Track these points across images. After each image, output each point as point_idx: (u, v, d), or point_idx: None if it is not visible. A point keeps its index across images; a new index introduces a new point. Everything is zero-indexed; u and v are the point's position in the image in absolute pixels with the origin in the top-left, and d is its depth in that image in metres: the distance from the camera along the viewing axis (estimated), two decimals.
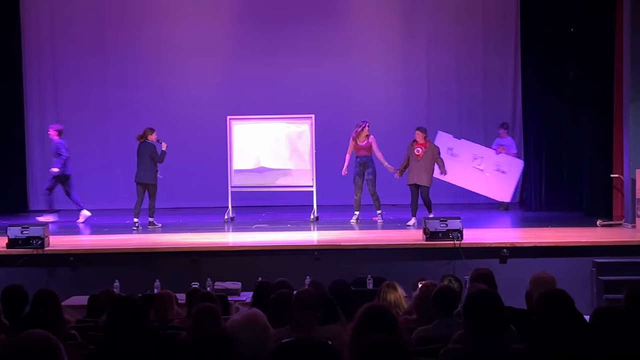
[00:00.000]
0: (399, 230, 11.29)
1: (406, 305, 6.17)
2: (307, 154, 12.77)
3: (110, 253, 9.81)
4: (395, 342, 3.03)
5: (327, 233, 11.49)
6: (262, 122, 13.03)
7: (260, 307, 5.59)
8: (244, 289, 8.68)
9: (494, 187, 13.20)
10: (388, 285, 6.13)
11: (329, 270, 9.11)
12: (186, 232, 11.51)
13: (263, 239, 10.64)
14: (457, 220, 9.75)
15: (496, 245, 9.68)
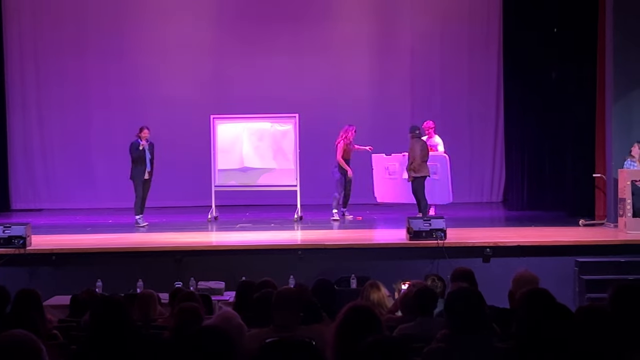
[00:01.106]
0: (383, 230, 11.32)
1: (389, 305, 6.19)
2: (291, 153, 12.76)
3: (92, 252, 9.78)
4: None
5: (311, 232, 11.49)
6: (246, 122, 13.01)
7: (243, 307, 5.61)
8: (227, 289, 8.68)
9: (430, 192, 12.25)
10: (371, 285, 6.15)
11: (312, 270, 9.13)
12: (169, 231, 11.48)
13: (247, 239, 10.63)
14: (440, 219, 9.78)
15: (479, 244, 9.72)
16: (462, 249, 9.64)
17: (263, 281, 6.16)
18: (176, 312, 4.76)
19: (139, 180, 11.90)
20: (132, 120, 13.36)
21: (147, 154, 11.84)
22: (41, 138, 15.15)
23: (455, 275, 5.99)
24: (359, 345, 3.18)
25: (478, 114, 15.15)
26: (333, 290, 6.16)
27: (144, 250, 9.93)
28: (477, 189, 15.32)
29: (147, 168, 11.86)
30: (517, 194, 14.02)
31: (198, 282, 8.84)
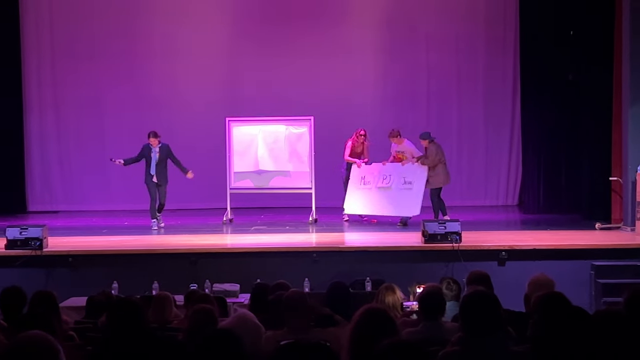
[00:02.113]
0: (398, 233, 11.30)
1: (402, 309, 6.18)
2: (306, 155, 12.77)
3: (108, 254, 9.82)
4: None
5: (326, 235, 11.49)
6: (261, 124, 13.02)
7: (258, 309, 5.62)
8: (242, 291, 8.69)
9: (400, 203, 12.04)
10: (386, 288, 6.14)
11: (327, 272, 9.13)
12: (184, 233, 11.52)
13: (261, 241, 10.64)
14: (455, 222, 9.76)
15: (495, 247, 9.69)
16: (478, 252, 9.62)
17: (278, 283, 6.17)
18: (191, 314, 4.77)
19: (148, 183, 12.05)
20: (147, 123, 13.40)
21: (154, 157, 11.93)
22: (57, 140, 15.23)
23: (471, 278, 5.97)
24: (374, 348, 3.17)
25: (494, 117, 15.10)
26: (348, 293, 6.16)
27: (159, 252, 9.97)
28: (492, 191, 15.27)
29: (151, 171, 11.96)
30: (533, 197, 13.96)
31: (213, 284, 8.86)
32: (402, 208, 12.01)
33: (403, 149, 12.36)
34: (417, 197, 11.95)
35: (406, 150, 12.36)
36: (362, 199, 12.55)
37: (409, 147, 12.39)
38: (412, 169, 12.08)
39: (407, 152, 12.35)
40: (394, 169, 12.33)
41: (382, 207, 12.32)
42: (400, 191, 12.15)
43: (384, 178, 12.38)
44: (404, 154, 12.37)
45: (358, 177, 12.63)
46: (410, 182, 12.02)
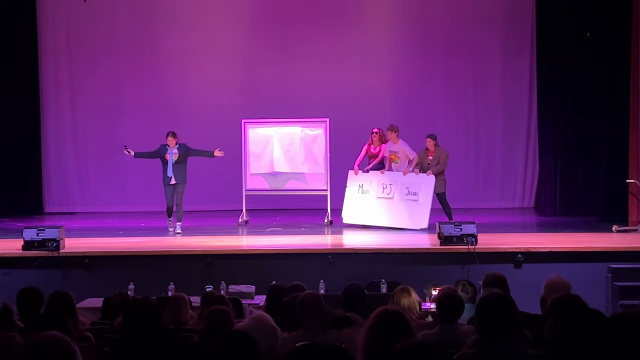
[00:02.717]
0: (414, 235, 11.28)
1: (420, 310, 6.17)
2: (321, 157, 12.78)
3: (124, 256, 9.86)
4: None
5: (341, 237, 11.51)
6: (277, 126, 13.04)
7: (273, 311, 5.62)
8: (257, 293, 8.70)
9: (405, 215, 11.71)
10: (402, 290, 6.13)
11: (342, 274, 9.12)
12: (200, 235, 11.56)
13: (277, 243, 10.68)
14: (471, 224, 9.74)
15: (511, 250, 9.66)
16: (494, 255, 9.59)
17: (293, 285, 6.17)
18: (206, 316, 4.78)
19: (165, 186, 11.89)
20: (163, 124, 13.43)
21: (171, 158, 11.77)
22: (74, 141, 15.28)
23: (488, 280, 5.95)
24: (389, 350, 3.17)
25: (510, 118, 15.03)
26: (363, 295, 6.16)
27: (175, 253, 10.01)
28: (508, 194, 15.20)
29: (168, 173, 11.78)
30: (549, 199, 13.90)
31: (229, 286, 8.88)
32: (408, 220, 11.69)
33: (397, 149, 12.09)
34: (425, 209, 11.61)
35: (400, 151, 12.09)
36: (361, 208, 12.16)
37: (404, 147, 12.13)
38: (417, 179, 11.71)
39: (401, 152, 12.08)
40: (395, 178, 11.92)
41: (385, 218, 11.92)
42: (404, 202, 11.79)
43: (383, 188, 11.97)
44: (397, 154, 12.10)
45: (355, 184, 12.27)
46: (415, 192, 11.71)
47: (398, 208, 11.88)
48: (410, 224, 11.66)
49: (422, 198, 11.70)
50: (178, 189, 11.88)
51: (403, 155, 12.10)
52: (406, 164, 12.07)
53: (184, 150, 11.88)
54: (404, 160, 12.10)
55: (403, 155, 12.10)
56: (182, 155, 11.85)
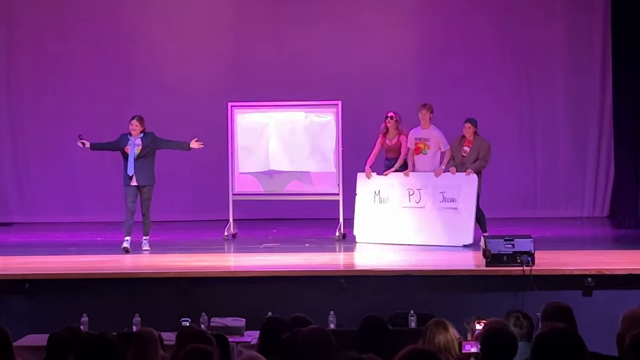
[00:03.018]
0: (451, 252, 11.27)
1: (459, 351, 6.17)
2: (331, 152, 12.77)
3: (76, 279, 9.87)
4: None
5: (357, 255, 11.52)
6: (274, 111, 13.05)
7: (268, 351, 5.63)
8: (248, 327, 8.72)
9: (443, 228, 11.65)
10: (437, 324, 6.12)
11: (359, 304, 9.15)
12: (174, 252, 11.57)
13: (274, 262, 10.67)
14: (527, 239, 9.72)
15: (578, 272, 9.65)
16: (556, 279, 9.59)
17: (295, 318, 6.18)
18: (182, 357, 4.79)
19: (126, 187, 11.67)
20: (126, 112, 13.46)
21: (132, 151, 11.58)
22: (12, 135, 15.32)
23: (548, 312, 5.95)
24: None
25: (579, 107, 15.03)
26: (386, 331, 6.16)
27: (142, 276, 10.01)
28: (576, 200, 15.21)
29: (129, 171, 11.57)
30: (628, 207, 13.88)
31: (211, 319, 8.90)
32: (446, 236, 11.65)
33: (428, 135, 12.04)
34: (468, 219, 11.59)
35: (432, 138, 12.04)
36: (380, 222, 12.09)
37: (436, 133, 12.06)
38: (454, 181, 11.68)
39: (432, 140, 12.03)
40: (424, 180, 11.89)
41: (415, 234, 11.88)
42: (439, 213, 11.75)
43: (410, 194, 11.94)
44: (427, 142, 12.06)
45: (368, 191, 12.23)
46: (453, 198, 11.68)
47: (432, 220, 11.85)
48: (450, 240, 11.62)
49: (463, 205, 11.66)
50: (143, 193, 11.70)
51: (434, 145, 12.00)
52: (437, 158, 12.01)
53: (149, 140, 11.72)
54: (435, 153, 12.02)
55: (435, 144, 12.01)
56: (147, 148, 11.67)
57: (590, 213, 15.20)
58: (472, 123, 11.88)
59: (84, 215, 14.93)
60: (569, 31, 15.03)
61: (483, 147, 11.78)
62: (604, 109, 15.00)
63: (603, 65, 14.89)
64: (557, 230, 13.40)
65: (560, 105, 15.14)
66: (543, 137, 15.14)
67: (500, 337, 5.07)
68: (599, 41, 14.93)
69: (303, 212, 14.16)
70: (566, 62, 15.08)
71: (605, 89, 14.89)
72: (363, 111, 14.04)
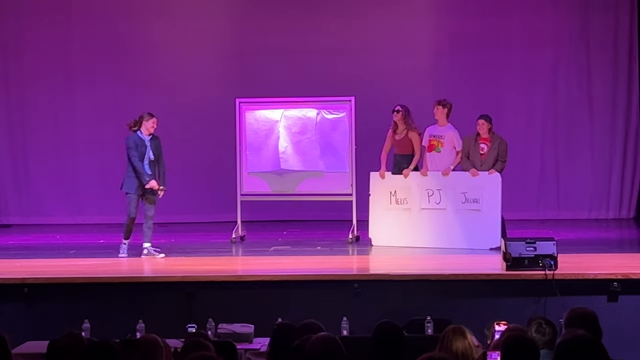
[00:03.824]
0: (470, 256, 11.26)
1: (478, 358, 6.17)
2: (344, 150, 12.78)
3: (77, 284, 9.88)
4: None
5: (372, 258, 11.49)
6: (284, 108, 13.05)
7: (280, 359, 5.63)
8: (257, 334, 8.71)
9: (469, 231, 11.63)
10: (454, 331, 6.12)
11: (373, 310, 9.14)
12: (180, 255, 11.58)
13: (284, 266, 10.67)
14: (549, 242, 9.70)
15: (603, 276, 9.62)
16: (580, 283, 9.55)
17: (306, 324, 6.18)
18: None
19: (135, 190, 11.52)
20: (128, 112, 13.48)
21: (150, 155, 11.48)
22: (10, 132, 15.35)
23: (571, 318, 5.94)
24: None
25: (602, 99, 15.02)
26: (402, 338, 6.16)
27: (146, 281, 10.03)
28: (600, 201, 15.19)
29: (148, 172, 11.41)
30: None
31: (218, 325, 8.90)
32: (471, 239, 11.63)
33: (443, 133, 12.00)
34: (493, 221, 11.56)
35: (447, 136, 12.00)
36: (398, 224, 12.07)
37: (452, 132, 12.02)
38: (476, 181, 11.63)
39: (447, 138, 11.99)
40: (444, 181, 11.83)
41: (436, 237, 11.86)
42: (462, 214, 11.72)
43: (429, 195, 11.89)
44: (441, 139, 12.01)
45: (383, 192, 12.18)
46: (476, 199, 11.65)
47: (454, 223, 11.81)
48: (474, 244, 11.58)
49: (487, 207, 11.62)
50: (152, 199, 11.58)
51: (449, 144, 11.94)
52: (451, 157, 11.97)
53: (158, 144, 11.59)
54: (450, 151, 11.97)
55: (449, 143, 11.95)
56: (158, 152, 11.57)
57: (616, 215, 15.18)
58: (486, 119, 11.80)
59: (85, 216, 14.97)
60: (594, 30, 15.00)
61: (502, 147, 11.73)
62: (631, 108, 15.00)
63: (629, 64, 14.89)
64: (581, 232, 13.38)
65: (584, 104, 15.12)
66: (567, 137, 15.13)
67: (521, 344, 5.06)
68: (625, 40, 14.95)
69: (314, 214, 14.17)
70: (591, 61, 15.05)
71: (631, 88, 14.88)
72: (378, 108, 13.99)
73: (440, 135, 12.00)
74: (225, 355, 5.81)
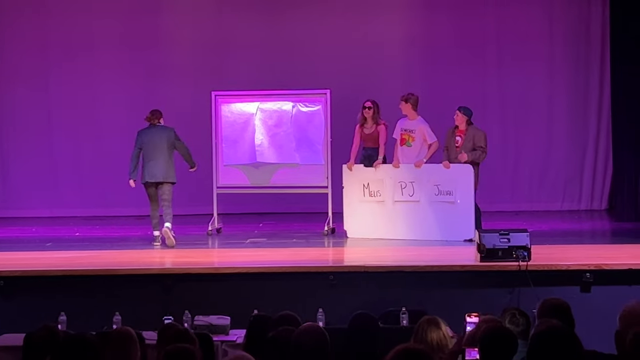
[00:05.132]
0: (445, 247, 11.28)
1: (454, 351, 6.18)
2: (320, 143, 12.78)
3: (54, 276, 9.83)
4: None
5: (347, 250, 11.50)
6: (260, 101, 13.04)
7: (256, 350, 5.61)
8: (233, 326, 8.71)
9: (443, 223, 11.58)
10: (429, 322, 6.13)
11: (349, 301, 9.14)
12: (156, 248, 11.53)
13: (260, 258, 10.67)
14: (523, 233, 9.73)
15: (576, 267, 9.66)
16: (553, 274, 9.59)
17: (282, 316, 6.18)
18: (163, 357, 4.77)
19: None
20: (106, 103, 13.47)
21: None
22: None
23: (545, 309, 5.95)
24: None
25: (575, 92, 15.07)
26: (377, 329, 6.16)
27: (122, 273, 9.98)
28: (573, 193, 15.24)
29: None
30: (628, 199, 13.91)
31: (195, 317, 8.88)
32: (445, 231, 11.60)
33: (414, 127, 11.96)
34: (467, 212, 11.51)
35: (417, 130, 11.96)
36: (372, 216, 12.06)
37: (422, 126, 11.98)
38: (449, 174, 11.59)
39: (418, 132, 11.94)
40: (418, 172, 11.79)
41: (411, 229, 11.84)
42: (435, 207, 11.70)
43: (402, 187, 11.85)
44: (412, 133, 11.97)
45: (356, 183, 12.14)
46: (450, 191, 11.62)
47: (428, 215, 11.80)
48: (448, 235, 11.57)
49: (460, 198, 11.61)
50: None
51: (420, 137, 11.92)
52: (423, 150, 11.95)
53: None
54: (420, 145, 11.97)
55: (420, 136, 11.92)
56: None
57: (589, 206, 15.24)
58: (462, 111, 11.75)
59: (62, 209, 14.89)
60: (568, 24, 15.03)
61: (478, 136, 11.69)
62: (602, 100, 15.02)
63: (602, 57, 14.92)
64: (554, 224, 13.43)
65: (557, 97, 15.15)
66: (540, 129, 15.15)
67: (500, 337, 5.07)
68: (598, 34, 14.97)
69: (290, 206, 14.16)
70: (564, 54, 15.10)
71: (603, 80, 14.92)
72: (354, 101, 13.97)
73: (412, 130, 11.99)
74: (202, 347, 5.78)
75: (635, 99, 13.73)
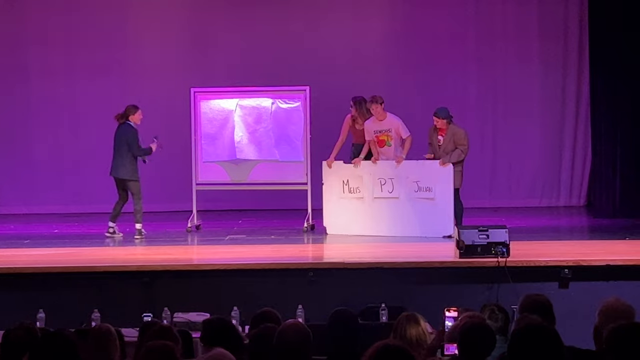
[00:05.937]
0: (424, 244, 11.30)
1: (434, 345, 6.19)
2: (299, 139, 12.77)
3: (31, 273, 9.81)
4: None
5: (327, 247, 11.52)
6: (240, 97, 13.02)
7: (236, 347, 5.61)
8: None
9: (422, 220, 11.59)
10: (408, 318, 6.15)
11: (328, 297, 9.14)
12: (135, 244, 11.51)
13: (239, 255, 10.67)
14: (501, 230, 9.76)
15: (554, 263, 9.71)
16: (532, 270, 9.64)
17: (262, 313, 6.18)
18: (142, 354, 4.77)
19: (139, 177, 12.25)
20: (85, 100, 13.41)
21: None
22: None
23: (524, 305, 5.97)
24: None
25: (553, 88, 15.10)
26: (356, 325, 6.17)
27: (101, 270, 9.97)
28: (552, 189, 15.28)
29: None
30: (606, 196, 13.96)
31: (174, 314, 8.88)
32: (424, 227, 11.63)
33: (388, 126, 11.98)
34: (446, 209, 11.55)
35: (392, 128, 11.98)
36: (352, 213, 12.08)
37: (396, 121, 11.99)
38: (428, 170, 11.65)
39: (393, 130, 11.97)
40: (397, 169, 11.82)
41: (390, 226, 11.85)
42: (415, 202, 11.73)
43: (382, 184, 11.88)
44: (388, 133, 11.99)
45: (335, 180, 12.15)
46: (429, 188, 11.64)
47: (407, 211, 11.83)
48: (427, 231, 11.58)
49: (439, 195, 11.64)
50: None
51: (396, 134, 11.97)
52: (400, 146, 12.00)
53: None
54: (399, 141, 12.02)
55: (396, 133, 11.97)
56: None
57: (567, 202, 15.29)
58: (438, 115, 11.69)
59: (40, 206, 14.82)
60: (545, 17, 15.07)
61: (458, 135, 11.71)
62: (581, 97, 15.06)
63: (580, 52, 14.96)
64: (533, 220, 13.46)
65: (535, 93, 15.18)
66: (518, 126, 15.18)
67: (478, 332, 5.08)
68: (575, 27, 15.00)
69: (270, 203, 14.15)
70: (542, 49, 15.13)
71: (581, 75, 14.96)
72: (334, 97, 14.00)
73: (387, 129, 12.02)
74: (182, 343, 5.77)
75: (613, 95, 13.78)
